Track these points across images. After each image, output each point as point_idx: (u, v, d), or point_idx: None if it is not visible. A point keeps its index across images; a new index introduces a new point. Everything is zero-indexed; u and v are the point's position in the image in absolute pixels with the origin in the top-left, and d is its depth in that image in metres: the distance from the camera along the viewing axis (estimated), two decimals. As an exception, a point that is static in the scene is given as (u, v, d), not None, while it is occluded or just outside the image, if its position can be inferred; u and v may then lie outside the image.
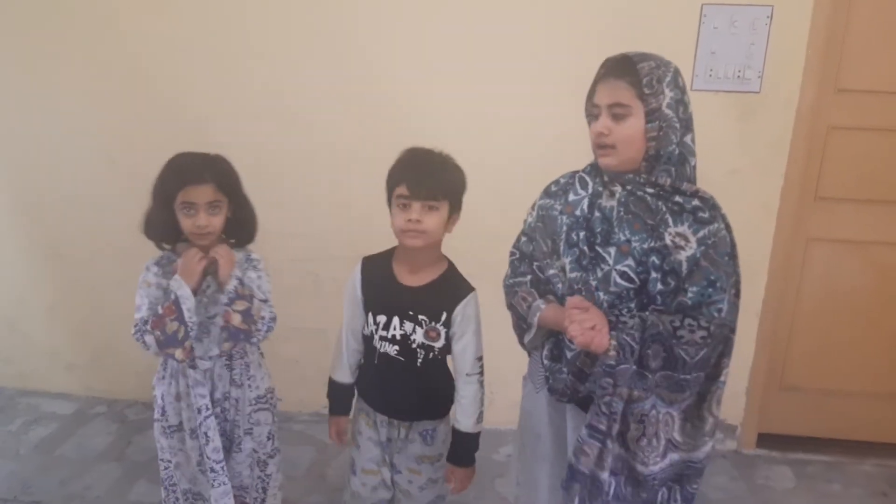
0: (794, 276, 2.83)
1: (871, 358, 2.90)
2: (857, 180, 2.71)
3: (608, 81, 1.53)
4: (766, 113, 2.58)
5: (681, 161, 1.54)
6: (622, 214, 1.55)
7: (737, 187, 2.65)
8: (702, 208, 1.52)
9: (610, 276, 1.53)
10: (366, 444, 1.97)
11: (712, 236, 1.51)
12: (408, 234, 1.76)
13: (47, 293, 3.24)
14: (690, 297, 1.49)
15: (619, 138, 1.51)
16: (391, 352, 1.85)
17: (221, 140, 2.74)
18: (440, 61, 2.68)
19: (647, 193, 1.54)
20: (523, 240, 1.76)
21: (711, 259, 1.50)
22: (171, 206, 1.82)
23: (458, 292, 1.85)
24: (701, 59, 2.54)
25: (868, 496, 2.70)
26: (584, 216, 1.60)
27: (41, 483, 2.68)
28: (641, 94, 1.50)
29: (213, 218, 1.83)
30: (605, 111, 1.52)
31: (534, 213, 1.73)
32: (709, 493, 2.69)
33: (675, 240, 1.50)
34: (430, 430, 1.94)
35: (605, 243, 1.56)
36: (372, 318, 1.87)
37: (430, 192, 1.74)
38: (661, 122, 1.51)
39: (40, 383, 3.33)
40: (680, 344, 1.47)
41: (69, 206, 3.05)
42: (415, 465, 1.95)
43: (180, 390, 1.94)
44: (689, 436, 1.60)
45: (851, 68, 2.59)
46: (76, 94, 2.91)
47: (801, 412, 3.00)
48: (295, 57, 2.75)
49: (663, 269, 1.50)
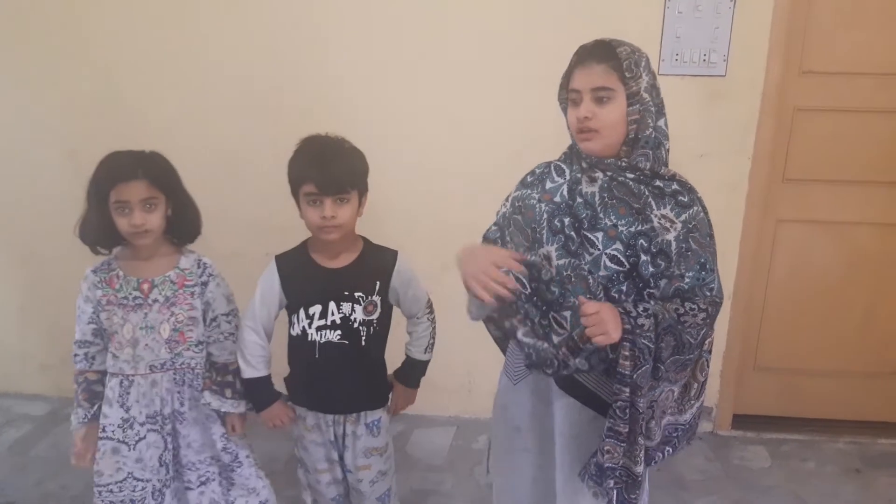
0: (765, 258, 2.86)
1: (842, 337, 2.94)
2: (824, 161, 2.74)
3: (589, 66, 1.53)
4: (733, 96, 2.60)
5: (656, 145, 1.56)
6: (606, 199, 1.56)
7: (705, 170, 2.64)
8: (681, 192, 1.56)
9: (600, 259, 1.54)
10: (311, 447, 1.97)
11: (693, 219, 1.54)
12: (324, 230, 1.76)
13: (17, 294, 3.21)
14: (687, 282, 1.52)
15: (603, 122, 1.52)
16: (334, 339, 1.84)
17: (189, 133, 2.77)
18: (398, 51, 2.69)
19: (628, 178, 1.56)
20: (492, 229, 1.75)
21: (698, 242, 1.53)
22: (106, 207, 1.75)
23: (385, 260, 1.88)
24: (666, 43, 2.55)
25: (842, 473, 2.73)
26: (566, 202, 1.60)
27: (16, 483, 2.66)
28: (623, 77, 1.51)
29: (150, 216, 1.76)
30: (589, 95, 1.52)
31: (507, 205, 1.72)
32: (686, 474, 2.72)
33: (661, 222, 1.52)
34: (376, 421, 1.95)
35: (591, 228, 1.56)
36: (304, 312, 1.83)
37: (340, 187, 1.74)
38: (641, 106, 1.53)
39: (13, 385, 3.31)
40: (685, 329, 1.50)
41: (36, 206, 3.02)
42: (363, 461, 1.96)
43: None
44: (678, 401, 1.63)
45: (815, 50, 2.62)
46: (38, 92, 2.89)
47: (774, 392, 3.04)
48: (261, 51, 2.74)
49: (651, 251, 1.52)
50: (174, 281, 1.85)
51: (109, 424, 1.86)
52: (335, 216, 1.74)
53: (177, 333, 1.85)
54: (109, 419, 1.86)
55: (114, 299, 1.82)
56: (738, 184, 2.70)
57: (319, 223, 1.75)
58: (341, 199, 1.75)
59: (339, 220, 1.75)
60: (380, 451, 1.98)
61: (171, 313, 1.84)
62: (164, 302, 1.83)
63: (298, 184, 1.77)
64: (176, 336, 1.85)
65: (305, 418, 1.94)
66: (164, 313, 1.83)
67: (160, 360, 1.85)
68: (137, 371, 1.84)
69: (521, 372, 1.73)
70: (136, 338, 1.82)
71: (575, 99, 1.55)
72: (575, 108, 1.55)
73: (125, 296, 1.82)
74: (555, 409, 1.69)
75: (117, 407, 1.85)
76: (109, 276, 1.84)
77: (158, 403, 1.86)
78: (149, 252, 1.84)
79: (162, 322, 1.83)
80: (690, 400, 1.65)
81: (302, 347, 1.86)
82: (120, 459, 1.87)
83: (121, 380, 1.85)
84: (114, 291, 1.83)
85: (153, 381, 1.85)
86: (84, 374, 1.89)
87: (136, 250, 1.84)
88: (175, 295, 1.84)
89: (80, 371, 1.89)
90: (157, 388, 1.86)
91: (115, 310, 1.82)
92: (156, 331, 1.83)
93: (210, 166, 2.81)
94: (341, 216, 1.75)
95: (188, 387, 1.89)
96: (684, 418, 1.66)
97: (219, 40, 2.75)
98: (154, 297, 1.83)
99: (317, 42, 2.71)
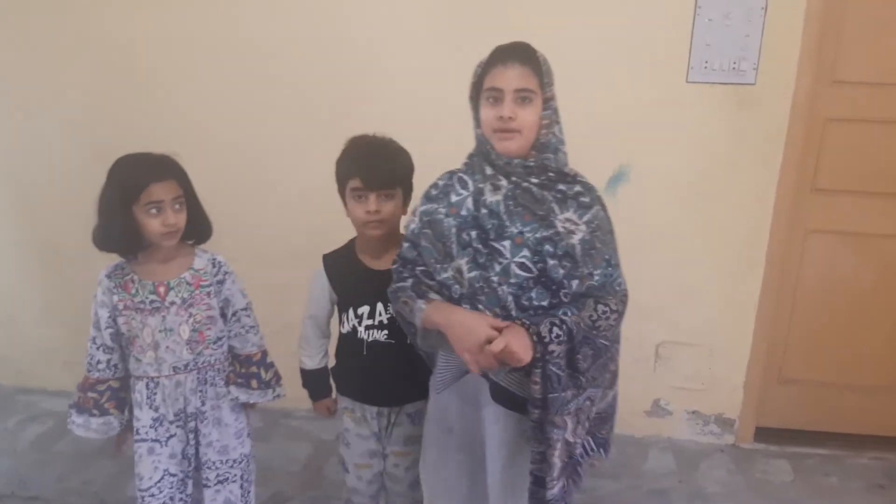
0: (792, 269, 2.83)
1: (868, 351, 2.89)
2: (853, 172, 2.70)
3: (513, 66, 1.54)
4: (762, 105, 2.57)
5: (555, 149, 1.60)
6: (511, 207, 1.58)
7: (733, 180, 2.65)
8: (583, 193, 1.60)
9: (509, 268, 1.56)
10: (355, 440, 2.01)
11: (595, 219, 1.59)
12: (369, 225, 1.81)
13: (43, 291, 3.25)
14: (597, 280, 1.56)
15: (523, 123, 1.55)
16: (381, 338, 1.89)
17: (216, 135, 2.79)
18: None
19: (531, 184, 1.58)
20: (406, 246, 1.73)
21: (601, 240, 1.58)
22: (130, 212, 1.73)
23: None
24: (696, 50, 2.53)
25: (865, 489, 2.69)
26: (472, 214, 1.62)
27: (38, 479, 2.69)
28: (542, 82, 1.55)
29: (180, 215, 1.77)
30: (511, 95, 1.54)
31: (416, 220, 1.72)
32: (706, 486, 2.69)
33: (565, 225, 1.56)
34: (417, 411, 1.98)
35: (498, 237, 1.58)
36: (353, 312, 1.90)
37: (384, 182, 1.79)
38: (551, 112, 1.58)
39: (37, 381, 3.34)
40: (600, 333, 1.54)
41: (63, 203, 3.04)
42: (401, 448, 2.00)
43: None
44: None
45: (847, 60, 2.58)
46: (68, 90, 2.93)
47: (798, 406, 2.99)
48: (288, 48, 2.75)
49: (558, 254, 1.55)
50: (190, 282, 1.85)
51: (142, 426, 1.87)
52: (379, 211, 1.78)
53: (196, 334, 1.85)
54: (142, 421, 1.87)
55: (131, 304, 1.81)
56: (765, 193, 2.67)
57: (364, 218, 1.79)
58: (386, 194, 1.79)
59: (383, 215, 1.79)
60: (418, 440, 1.98)
61: (190, 314, 1.84)
62: (181, 304, 1.83)
63: (345, 180, 1.82)
64: (196, 336, 1.85)
65: (353, 410, 2.00)
66: (182, 315, 1.83)
67: (182, 362, 1.85)
68: (161, 373, 1.84)
69: (444, 382, 1.74)
70: (156, 341, 1.82)
71: (496, 97, 1.56)
72: (493, 107, 1.56)
73: (142, 300, 1.81)
74: (484, 414, 1.70)
75: (147, 408, 1.86)
76: (124, 280, 1.82)
77: (182, 402, 1.88)
78: (169, 254, 1.84)
79: (181, 324, 1.83)
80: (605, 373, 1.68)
81: (351, 345, 1.92)
82: (155, 459, 1.88)
83: (146, 382, 1.85)
84: (130, 296, 1.81)
85: (177, 382, 1.86)
86: (107, 383, 1.87)
87: (152, 253, 1.82)
88: (192, 296, 1.84)
89: (98, 380, 1.86)
90: (181, 388, 1.87)
91: (134, 314, 1.81)
92: (175, 333, 1.83)
93: (235, 165, 2.83)
94: (385, 211, 1.79)
95: (210, 385, 1.90)
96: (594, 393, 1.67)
97: (247, 36, 2.77)
98: (171, 300, 1.83)
99: (346, 40, 2.72)
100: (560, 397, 1.51)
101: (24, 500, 2.57)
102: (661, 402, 2.96)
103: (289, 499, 2.37)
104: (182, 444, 1.91)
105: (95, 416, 1.87)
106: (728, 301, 2.81)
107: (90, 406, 1.86)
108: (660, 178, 2.65)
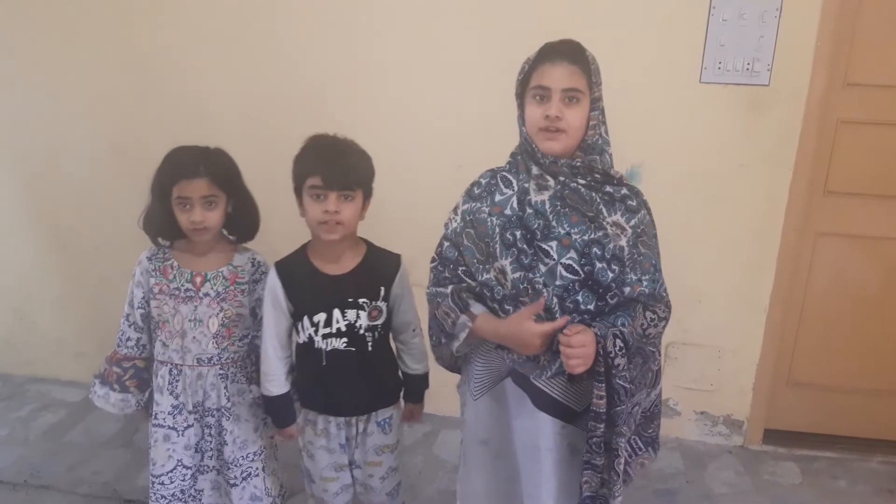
0: (803, 272, 2.82)
1: (878, 354, 2.88)
2: (866, 175, 2.69)
3: (561, 65, 1.51)
4: (776, 106, 2.57)
5: (601, 151, 1.58)
6: (559, 209, 1.55)
7: (745, 181, 2.65)
8: (630, 197, 1.57)
9: (555, 270, 1.53)
10: (319, 453, 1.94)
11: (641, 223, 1.57)
12: (325, 226, 1.73)
13: (55, 282, 3.27)
14: (646, 286, 1.55)
15: (570, 123, 1.51)
16: (340, 346, 1.82)
17: (230, 126, 2.80)
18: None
19: (580, 185, 1.55)
20: (446, 245, 1.69)
21: (647, 245, 1.57)
22: (168, 201, 1.78)
23: (390, 265, 1.86)
24: (710, 51, 2.53)
25: (874, 493, 2.68)
26: (516, 214, 1.58)
27: (50, 468, 2.71)
28: (590, 82, 1.52)
29: (210, 213, 1.79)
30: (559, 95, 1.50)
31: (457, 219, 1.67)
32: (714, 488, 2.69)
33: (613, 228, 1.54)
34: (388, 419, 1.95)
35: (545, 238, 1.54)
36: (308, 321, 1.81)
37: (345, 182, 1.72)
38: (599, 113, 1.55)
39: (49, 371, 3.37)
40: (649, 341, 1.55)
41: (76, 195, 3.09)
42: (375, 458, 1.96)
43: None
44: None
45: (861, 62, 2.57)
46: (82, 82, 2.95)
47: (807, 408, 2.98)
48: (306, 37, 2.75)
49: (606, 257, 1.52)
50: (226, 277, 1.88)
51: (161, 412, 1.90)
52: (338, 212, 1.71)
53: (224, 329, 1.87)
54: (161, 406, 1.90)
55: (166, 289, 1.85)
56: (777, 195, 2.66)
57: (322, 217, 1.72)
58: (346, 195, 1.73)
59: (341, 217, 1.72)
60: (391, 448, 1.98)
61: (221, 308, 1.86)
62: (214, 297, 1.86)
63: (303, 177, 1.74)
64: (223, 331, 1.87)
65: (316, 422, 1.92)
66: (213, 308, 1.85)
67: (207, 355, 1.87)
68: (185, 362, 1.87)
69: (483, 387, 1.72)
70: (184, 329, 1.85)
71: (543, 96, 1.52)
72: (540, 105, 1.53)
73: (178, 287, 1.85)
74: (519, 422, 1.67)
75: (167, 394, 1.89)
76: (164, 265, 1.86)
77: (202, 394, 1.89)
78: (205, 248, 1.87)
79: (210, 316, 1.85)
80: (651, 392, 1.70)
81: (309, 355, 1.84)
82: (170, 447, 1.91)
83: (170, 368, 1.88)
84: (167, 281, 1.85)
85: (199, 374, 1.88)
86: (133, 361, 1.92)
87: (193, 244, 1.86)
88: (226, 291, 1.87)
89: (125, 356, 1.92)
90: (202, 380, 1.89)
91: (167, 300, 1.85)
92: (204, 324, 1.85)
93: (249, 159, 2.85)
94: (344, 213, 1.73)
95: (232, 382, 1.92)
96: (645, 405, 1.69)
97: (265, 30, 2.77)
98: (205, 291, 1.85)
99: (365, 33, 2.73)
100: (624, 409, 1.50)
101: (35, 488, 2.60)
102: (670, 402, 2.96)
103: (296, 493, 2.38)
104: (198, 437, 1.93)
105: (115, 391, 1.90)
106: (738, 303, 2.81)
107: (113, 380, 1.90)
108: (672, 178, 2.65)
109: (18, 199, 3.18)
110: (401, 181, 2.55)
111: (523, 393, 1.63)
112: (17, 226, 3.22)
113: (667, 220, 2.71)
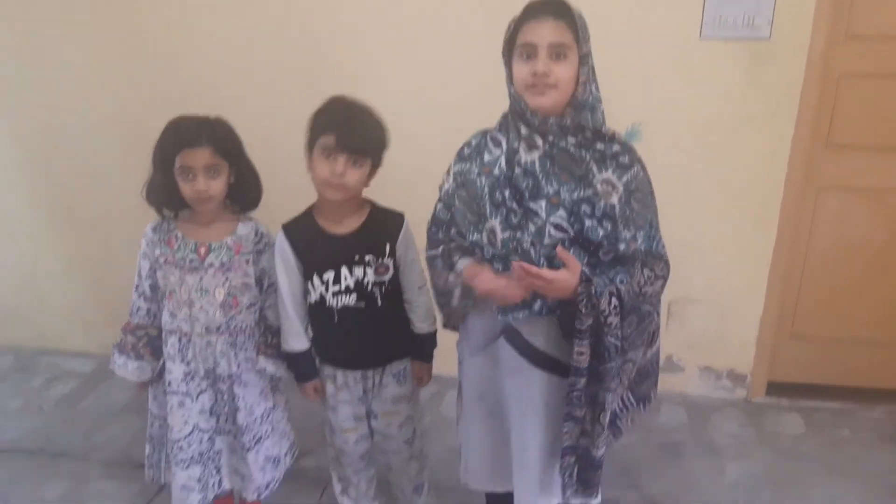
0: (805, 224, 2.83)
1: (880, 305, 2.90)
2: (868, 127, 2.68)
3: (546, 21, 1.49)
4: (777, 60, 2.55)
5: (593, 108, 1.55)
6: (548, 168, 1.55)
7: (747, 135, 2.64)
8: (622, 153, 1.56)
9: (544, 229, 1.53)
10: (340, 406, 2.00)
11: (634, 180, 1.55)
12: (330, 185, 1.75)
13: (63, 254, 3.29)
14: (641, 242, 1.55)
15: (559, 79, 1.50)
16: (350, 303, 1.86)
17: (233, 98, 2.79)
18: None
19: (569, 144, 1.54)
20: (439, 207, 1.72)
21: (640, 201, 1.55)
22: (171, 172, 1.79)
23: (394, 222, 1.89)
24: (710, 6, 2.50)
25: (877, 441, 2.72)
26: (505, 174, 1.58)
27: (65, 436, 2.76)
28: (577, 37, 1.50)
29: (213, 182, 1.79)
30: (546, 51, 1.49)
31: (450, 180, 1.70)
32: (718, 438, 2.73)
33: (603, 186, 1.53)
34: (402, 370, 2.00)
35: (534, 197, 1.55)
36: (318, 279, 1.85)
37: (358, 146, 1.73)
38: (587, 68, 1.53)
39: (59, 342, 3.41)
40: (646, 299, 1.55)
41: (82, 165, 3.09)
42: (391, 407, 2.01)
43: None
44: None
45: (863, 14, 2.55)
46: (85, 53, 2.93)
47: (810, 360, 3.02)
48: (307, 2, 2.74)
49: (596, 215, 1.52)
50: (231, 247, 1.89)
51: (174, 379, 1.93)
52: (344, 174, 1.73)
53: (230, 298, 1.89)
54: (173, 374, 1.93)
55: (171, 259, 1.87)
56: (779, 149, 2.66)
57: (327, 178, 1.74)
58: (355, 160, 1.74)
59: (346, 181, 1.74)
60: (407, 398, 2.03)
61: (226, 278, 1.88)
62: (219, 267, 1.87)
63: (318, 133, 1.74)
64: (230, 301, 1.89)
65: (335, 377, 1.98)
66: (218, 278, 1.87)
67: (215, 324, 1.90)
68: (194, 330, 1.89)
69: (478, 344, 1.75)
70: (191, 299, 1.87)
71: (529, 53, 1.51)
72: (527, 63, 1.51)
73: (182, 257, 1.86)
74: (512, 381, 1.70)
75: (178, 362, 1.91)
76: (169, 236, 1.88)
77: (212, 362, 1.92)
78: (208, 217, 1.88)
79: (216, 287, 1.87)
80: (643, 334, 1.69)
81: (322, 313, 1.89)
82: (185, 413, 1.94)
83: (179, 336, 1.91)
84: (172, 252, 1.87)
85: (208, 342, 1.91)
86: (145, 330, 1.95)
87: (196, 214, 1.88)
88: (231, 261, 1.88)
89: (138, 325, 1.95)
90: (211, 348, 1.91)
91: (173, 269, 1.87)
92: (210, 294, 1.87)
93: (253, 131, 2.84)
94: (350, 178, 1.74)
95: (241, 349, 1.94)
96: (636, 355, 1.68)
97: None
98: (210, 262, 1.87)
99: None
100: (613, 367, 1.53)
101: (51, 455, 2.65)
102: (674, 358, 2.99)
103: (307, 452, 2.42)
104: (211, 401, 1.96)
105: (132, 360, 1.94)
106: (741, 256, 2.82)
107: (129, 349, 1.94)
108: (673, 134, 2.64)
109: (23, 171, 3.18)
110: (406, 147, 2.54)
111: (516, 353, 1.65)
112: (23, 198, 3.23)
113: (669, 175, 2.71)
